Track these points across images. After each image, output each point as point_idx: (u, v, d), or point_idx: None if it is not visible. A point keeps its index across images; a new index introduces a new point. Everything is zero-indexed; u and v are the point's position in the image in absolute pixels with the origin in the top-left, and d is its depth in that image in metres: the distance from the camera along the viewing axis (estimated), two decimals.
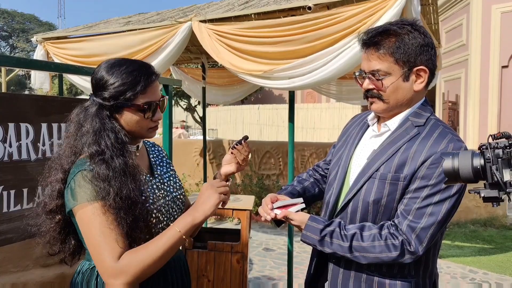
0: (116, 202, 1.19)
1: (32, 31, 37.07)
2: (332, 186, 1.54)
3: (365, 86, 1.40)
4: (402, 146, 1.36)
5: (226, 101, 6.62)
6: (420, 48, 1.34)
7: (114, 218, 1.19)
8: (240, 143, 1.53)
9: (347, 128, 1.68)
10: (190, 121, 23.15)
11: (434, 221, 1.28)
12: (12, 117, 1.73)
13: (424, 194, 1.29)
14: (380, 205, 1.36)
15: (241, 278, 3.14)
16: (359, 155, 1.50)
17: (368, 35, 1.37)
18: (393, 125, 1.42)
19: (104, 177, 1.20)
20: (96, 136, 1.25)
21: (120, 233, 1.19)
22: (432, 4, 4.13)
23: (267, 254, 5.00)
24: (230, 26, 3.50)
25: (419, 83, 1.38)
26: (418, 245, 1.29)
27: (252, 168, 7.17)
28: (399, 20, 1.40)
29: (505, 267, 4.72)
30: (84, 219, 1.20)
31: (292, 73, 3.25)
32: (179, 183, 1.53)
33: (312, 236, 1.38)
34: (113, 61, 1.34)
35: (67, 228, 1.34)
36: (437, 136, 1.34)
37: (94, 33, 4.47)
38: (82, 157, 1.28)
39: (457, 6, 11.70)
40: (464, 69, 11.30)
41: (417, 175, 1.31)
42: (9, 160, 1.72)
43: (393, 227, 1.33)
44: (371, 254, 1.32)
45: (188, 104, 14.79)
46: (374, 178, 1.37)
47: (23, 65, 1.89)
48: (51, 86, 5.14)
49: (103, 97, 1.30)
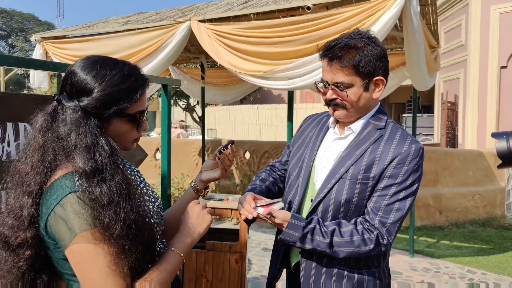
0: (123, 231, 0.99)
1: (31, 30, 37.00)
2: (294, 186, 1.61)
3: (328, 97, 1.48)
4: (368, 148, 1.47)
5: (225, 101, 6.63)
6: (378, 59, 1.44)
7: (120, 251, 0.99)
8: (226, 148, 1.46)
9: (303, 129, 1.75)
10: (189, 121, 23.14)
11: (401, 215, 1.43)
12: (10, 116, 1.73)
13: (392, 192, 1.42)
14: (351, 204, 1.46)
15: (240, 278, 3.14)
16: (323, 157, 1.57)
17: (331, 49, 1.44)
18: (356, 128, 1.53)
19: (108, 201, 0.99)
20: (90, 151, 1.02)
21: (126, 269, 1.00)
22: (431, 5, 4.13)
23: (265, 254, 5.00)
24: (229, 26, 3.50)
25: (377, 92, 1.49)
26: (389, 237, 1.43)
27: (251, 168, 7.17)
28: (355, 33, 1.48)
29: (504, 268, 4.72)
30: (82, 255, 0.97)
31: (292, 74, 3.25)
32: (155, 192, 1.33)
33: (294, 234, 1.43)
34: (98, 60, 1.12)
35: (37, 264, 1.06)
36: (399, 138, 1.47)
37: (93, 32, 4.47)
38: (62, 174, 1.03)
39: (456, 6, 11.71)
40: (463, 69, 11.31)
41: (385, 174, 1.43)
42: (8, 160, 1.71)
43: (366, 223, 1.44)
44: (349, 249, 1.42)
45: (187, 104, 14.79)
46: (345, 179, 1.46)
47: (22, 65, 1.89)
48: (50, 86, 5.14)
49: (90, 104, 1.06)
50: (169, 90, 2.61)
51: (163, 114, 2.61)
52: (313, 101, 21.47)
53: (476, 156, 7.02)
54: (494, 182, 7.02)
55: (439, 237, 5.92)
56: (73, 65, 1.12)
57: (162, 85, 2.58)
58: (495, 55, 10.31)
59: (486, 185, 6.90)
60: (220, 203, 3.37)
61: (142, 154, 2.59)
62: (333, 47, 1.44)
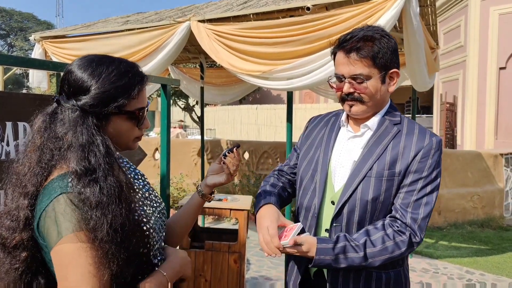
0: (109, 235, 0.96)
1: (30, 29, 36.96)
2: (310, 189, 1.55)
3: (345, 90, 1.44)
4: (389, 144, 1.44)
5: (224, 101, 6.63)
6: (393, 52, 1.44)
7: (103, 256, 0.96)
8: (231, 151, 1.42)
9: (309, 131, 1.70)
10: (188, 121, 23.14)
11: (429, 210, 1.41)
12: (9, 116, 1.73)
13: (419, 186, 1.40)
14: (378, 202, 1.42)
15: (238, 278, 3.14)
16: (339, 157, 1.52)
17: (349, 40, 1.42)
18: (373, 125, 1.49)
19: (96, 203, 0.97)
20: (85, 151, 1.01)
21: (106, 276, 0.97)
22: (430, 6, 4.14)
23: (264, 254, 5.00)
24: (229, 26, 3.50)
25: (393, 85, 1.48)
26: (421, 233, 1.39)
27: (249, 168, 7.17)
28: (370, 26, 1.47)
29: (502, 268, 4.73)
30: (65, 256, 0.95)
31: (291, 74, 3.25)
32: (158, 196, 1.32)
33: (326, 258, 1.36)
34: (95, 58, 1.11)
35: (33, 266, 1.05)
36: (419, 132, 1.45)
37: (92, 32, 4.47)
38: (58, 175, 1.02)
39: (456, 7, 11.72)
40: (462, 70, 11.33)
41: (410, 169, 1.41)
42: (7, 159, 1.71)
43: (396, 224, 1.39)
44: (384, 256, 1.37)
45: (186, 103, 14.79)
46: (370, 177, 1.42)
47: (21, 64, 1.89)
48: (49, 85, 5.14)
49: (87, 102, 1.05)
50: (169, 90, 2.61)
51: (162, 114, 2.61)
52: (312, 101, 21.48)
53: (474, 157, 7.02)
54: (493, 183, 7.03)
55: (438, 237, 5.92)
56: (70, 64, 1.12)
57: (162, 85, 2.57)
58: (494, 56, 10.33)
59: (484, 186, 6.92)
60: (219, 203, 3.37)
61: (141, 154, 2.58)
62: (350, 39, 1.42)
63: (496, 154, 7.15)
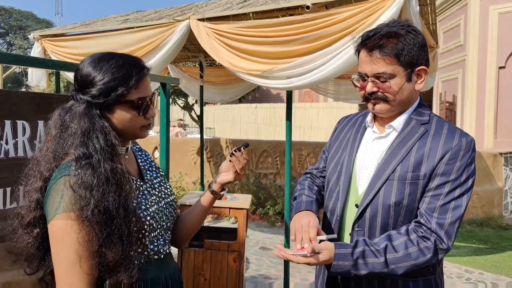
0: (94, 215, 1.07)
1: (29, 28, 36.96)
2: (335, 192, 1.51)
3: (369, 89, 1.39)
4: (414, 145, 1.37)
5: (223, 99, 6.62)
6: (421, 48, 1.36)
7: (93, 236, 1.07)
8: (239, 150, 1.46)
9: (337, 133, 1.67)
10: (187, 120, 23.13)
11: (459, 215, 1.31)
12: (8, 114, 1.72)
13: (446, 190, 1.32)
14: (402, 207, 1.35)
15: (238, 277, 3.14)
16: (363, 159, 1.48)
17: (371, 38, 1.36)
18: (398, 125, 1.43)
19: (87, 184, 1.09)
20: (84, 137, 1.13)
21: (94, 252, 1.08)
22: (430, 5, 4.14)
23: (263, 253, 5.01)
24: (228, 25, 3.49)
25: (420, 83, 1.40)
26: (448, 240, 1.30)
27: (249, 167, 7.17)
28: (395, 22, 1.40)
29: (501, 267, 4.74)
30: (57, 232, 1.08)
31: (291, 73, 3.25)
32: (170, 189, 1.43)
33: (345, 264, 1.30)
34: (99, 55, 1.23)
35: (46, 243, 1.19)
36: (447, 132, 1.36)
37: (92, 30, 4.46)
38: (66, 161, 1.16)
39: (455, 6, 11.72)
40: (462, 69, 11.33)
41: (436, 172, 1.32)
42: (6, 158, 1.71)
43: (420, 229, 1.32)
44: (408, 263, 1.30)
45: (186, 102, 14.79)
46: (392, 180, 1.36)
47: (20, 62, 1.88)
48: (48, 84, 5.13)
49: (92, 94, 1.18)
50: (168, 89, 2.60)
51: (162, 113, 2.61)
52: (311, 100, 21.48)
53: None
54: (492, 183, 7.04)
55: None
56: (80, 63, 1.24)
57: (161, 83, 2.57)
58: (493, 55, 10.32)
59: (484, 185, 6.92)
60: (218, 201, 3.36)
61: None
62: (372, 36, 1.36)
63: (495, 153, 7.15)
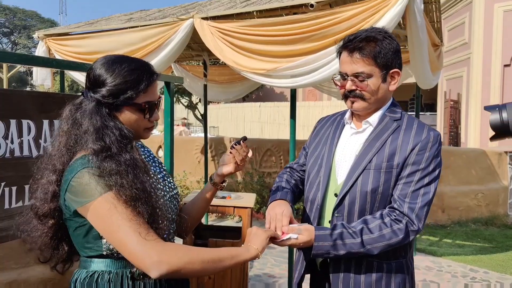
0: (132, 193, 1.15)
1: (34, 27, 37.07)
2: (315, 183, 1.64)
3: (348, 87, 1.54)
4: (388, 138, 1.52)
5: (227, 98, 6.63)
6: (395, 53, 1.52)
7: (132, 210, 1.15)
8: (239, 143, 1.57)
9: (317, 131, 1.80)
10: (191, 119, 23.14)
11: (427, 200, 1.47)
12: (13, 113, 1.73)
13: (416, 178, 1.47)
14: (378, 194, 1.50)
15: (242, 275, 3.15)
16: (342, 152, 1.62)
17: (352, 41, 1.51)
18: (374, 121, 1.58)
19: (115, 171, 1.15)
20: (99, 133, 1.19)
21: (144, 223, 1.15)
22: (435, 2, 4.12)
23: (267, 251, 5.01)
24: (232, 23, 3.49)
25: (393, 84, 1.56)
26: (418, 222, 1.46)
27: (253, 166, 7.16)
28: (373, 28, 1.58)
29: (506, 266, 4.71)
30: (101, 214, 1.14)
31: (295, 72, 3.24)
32: (173, 183, 1.49)
33: (324, 244, 1.44)
34: (113, 57, 1.29)
35: (59, 233, 1.29)
36: (417, 127, 1.53)
37: (96, 29, 4.47)
38: (80, 156, 1.21)
39: (460, 4, 11.66)
40: (466, 67, 11.27)
41: (408, 162, 1.48)
42: (11, 157, 1.72)
43: (394, 213, 1.46)
44: (381, 243, 1.44)
45: (189, 101, 14.81)
46: (369, 169, 1.50)
47: (24, 62, 1.89)
48: (52, 83, 5.15)
49: (102, 94, 1.24)
50: (172, 88, 2.61)
51: (166, 112, 2.61)
52: (315, 99, 21.44)
53: (479, 154, 7.00)
54: (497, 181, 7.00)
55: (442, 235, 5.91)
56: (94, 63, 1.30)
57: (165, 82, 2.57)
58: (498, 53, 10.27)
59: (488, 183, 6.89)
60: (223, 200, 3.37)
61: None
62: (353, 40, 1.51)
63: (500, 152, 7.12)
